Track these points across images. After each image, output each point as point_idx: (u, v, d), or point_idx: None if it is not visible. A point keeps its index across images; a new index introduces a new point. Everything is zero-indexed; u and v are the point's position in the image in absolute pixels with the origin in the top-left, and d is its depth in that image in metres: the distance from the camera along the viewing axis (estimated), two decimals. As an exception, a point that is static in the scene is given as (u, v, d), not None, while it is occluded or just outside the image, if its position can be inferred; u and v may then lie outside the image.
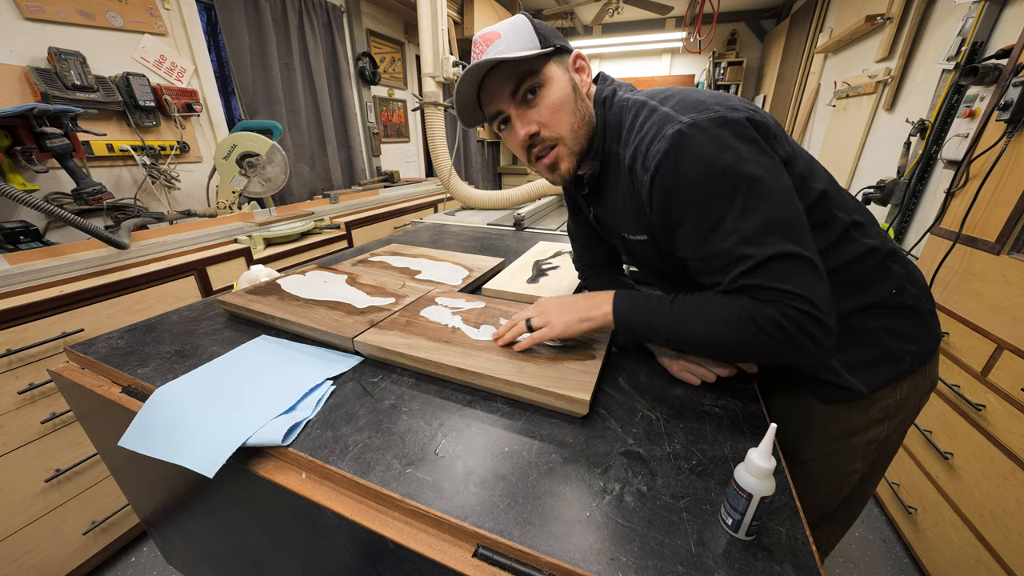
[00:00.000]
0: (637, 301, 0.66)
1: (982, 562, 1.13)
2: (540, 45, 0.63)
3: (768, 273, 0.52)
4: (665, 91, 0.64)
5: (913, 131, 1.87)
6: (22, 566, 1.19)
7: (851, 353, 0.68)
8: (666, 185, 0.56)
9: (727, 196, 0.53)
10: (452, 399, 0.66)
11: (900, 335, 0.69)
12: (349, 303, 0.91)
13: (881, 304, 0.67)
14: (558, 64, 0.65)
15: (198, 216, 1.90)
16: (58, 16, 1.57)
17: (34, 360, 1.17)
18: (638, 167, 0.60)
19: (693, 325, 0.59)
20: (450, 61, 2.01)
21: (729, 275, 0.55)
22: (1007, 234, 1.15)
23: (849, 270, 0.65)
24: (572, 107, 0.65)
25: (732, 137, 0.53)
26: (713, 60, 4.96)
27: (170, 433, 0.59)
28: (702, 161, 0.53)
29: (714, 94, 0.59)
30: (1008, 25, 1.55)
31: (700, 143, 0.53)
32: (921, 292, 0.71)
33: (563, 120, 0.65)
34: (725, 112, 0.55)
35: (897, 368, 0.69)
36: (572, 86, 0.66)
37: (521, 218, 1.83)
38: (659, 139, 0.56)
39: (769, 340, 0.53)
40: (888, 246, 0.68)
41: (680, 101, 0.59)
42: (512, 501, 0.48)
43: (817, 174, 0.64)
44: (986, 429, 1.16)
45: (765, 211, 0.52)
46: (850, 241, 0.65)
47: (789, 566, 0.41)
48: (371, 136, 3.29)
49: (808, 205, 0.60)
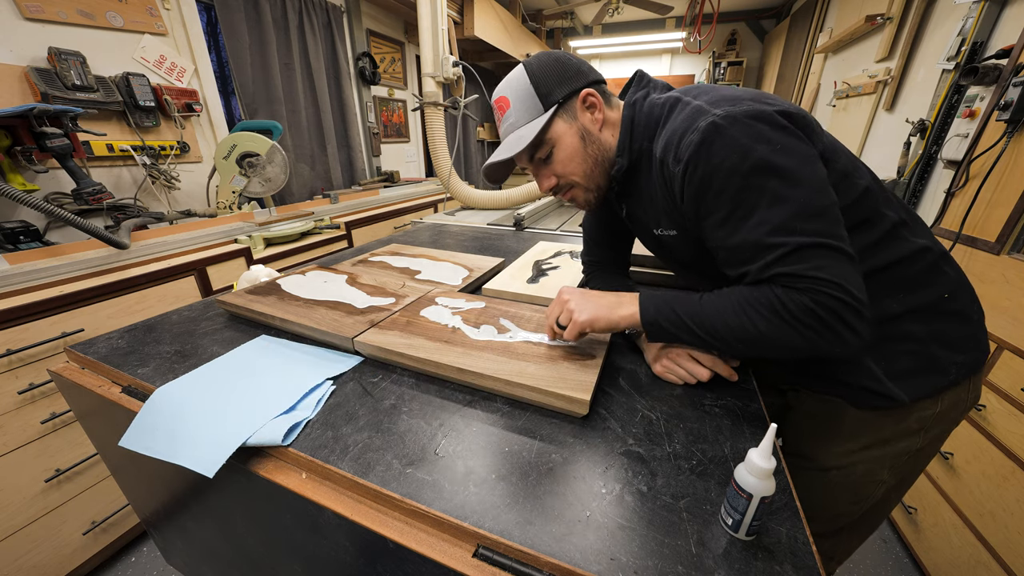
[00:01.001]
0: (664, 298, 0.65)
1: (982, 562, 1.13)
2: (542, 107, 0.68)
3: (799, 260, 0.51)
4: (699, 87, 0.65)
5: (913, 131, 1.87)
6: (22, 566, 1.19)
7: (895, 360, 0.65)
8: (699, 175, 0.56)
9: (759, 186, 0.53)
10: (452, 399, 0.66)
11: (948, 344, 0.65)
12: (349, 303, 0.91)
13: (931, 309, 0.64)
14: (564, 118, 0.69)
15: (198, 216, 1.90)
16: (58, 16, 1.57)
17: (34, 360, 1.17)
18: (670, 159, 0.60)
19: (726, 316, 0.57)
20: (450, 61, 2.01)
21: (759, 263, 0.54)
22: (1007, 234, 1.16)
23: (898, 269, 0.63)
24: (582, 155, 0.71)
25: (766, 128, 0.53)
26: (713, 60, 4.96)
27: (170, 433, 0.59)
28: (735, 151, 0.53)
29: (748, 91, 0.60)
30: (1008, 25, 1.55)
31: (733, 134, 0.53)
32: (972, 300, 0.68)
33: (575, 169, 0.72)
34: (759, 105, 0.55)
35: (943, 379, 0.65)
36: (580, 135, 0.70)
37: (521, 218, 1.83)
38: (692, 131, 0.56)
39: (805, 330, 0.52)
40: (940, 248, 0.66)
41: (713, 95, 0.59)
42: (512, 501, 0.47)
43: (860, 171, 0.62)
44: (986, 429, 1.16)
45: (797, 201, 0.52)
46: (899, 239, 0.63)
47: (789, 566, 0.41)
48: (371, 136, 3.29)
49: (851, 200, 0.59)
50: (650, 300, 0.66)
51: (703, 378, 0.68)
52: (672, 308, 0.63)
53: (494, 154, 0.74)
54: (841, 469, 0.73)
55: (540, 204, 2.22)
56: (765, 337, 0.55)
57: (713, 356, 0.69)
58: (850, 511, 0.77)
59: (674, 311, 0.62)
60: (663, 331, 0.64)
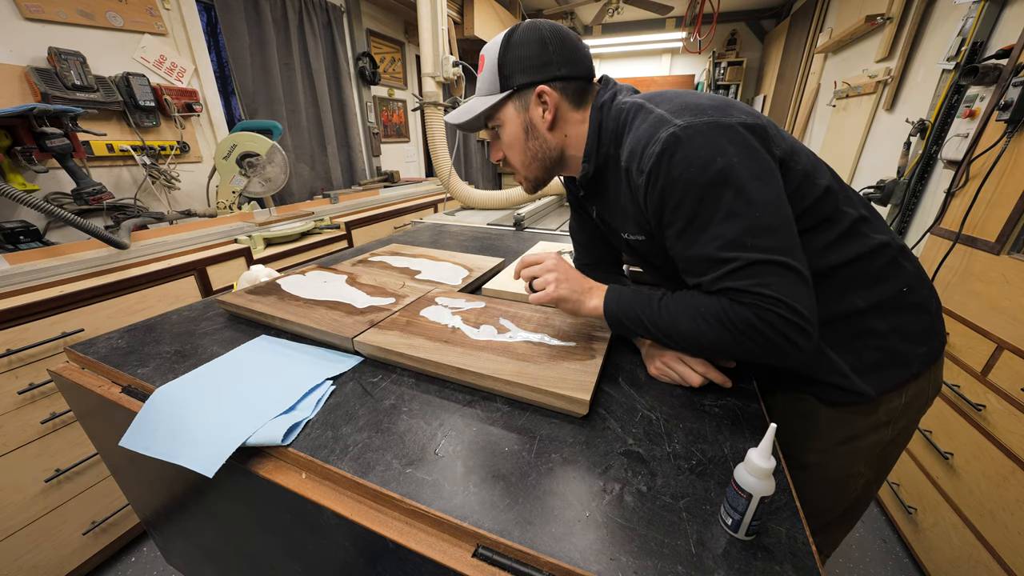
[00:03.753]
0: (626, 296, 0.68)
1: (982, 562, 1.13)
2: (499, 86, 0.70)
3: (747, 276, 0.53)
4: (663, 93, 0.65)
5: (913, 131, 1.87)
6: (22, 566, 1.19)
7: (861, 355, 0.68)
8: (659, 187, 0.57)
9: (715, 199, 0.54)
10: (452, 399, 0.66)
11: (909, 337, 0.68)
12: (349, 303, 0.91)
13: (892, 303, 0.67)
14: (516, 104, 0.71)
15: (198, 216, 1.90)
16: (58, 16, 1.57)
17: (34, 360, 1.17)
18: (634, 169, 0.61)
19: (678, 322, 0.60)
20: (450, 61, 2.01)
21: (710, 276, 0.56)
22: (1007, 234, 1.16)
23: (860, 265, 0.65)
24: (522, 147, 0.73)
25: (724, 141, 0.54)
26: (713, 60, 4.96)
27: (170, 433, 0.59)
28: (693, 164, 0.54)
29: (712, 97, 0.60)
30: (1008, 25, 1.55)
31: (692, 147, 0.54)
32: (930, 292, 0.71)
33: (514, 157, 0.75)
34: (719, 117, 0.55)
35: (906, 372, 0.68)
36: (525, 127, 0.71)
37: (521, 218, 1.83)
38: (653, 142, 0.57)
39: (748, 341, 0.55)
40: (898, 243, 0.68)
41: (676, 104, 0.59)
42: (512, 501, 0.48)
43: (820, 170, 0.64)
44: (986, 429, 1.16)
45: (751, 216, 0.53)
46: (860, 236, 0.65)
47: (789, 566, 0.41)
48: (371, 136, 3.29)
49: (813, 200, 0.61)
50: (614, 297, 0.68)
51: (694, 384, 0.67)
52: (632, 306, 0.66)
53: (450, 115, 0.78)
54: (819, 466, 0.76)
55: (540, 204, 2.22)
56: (714, 344, 0.58)
57: (705, 362, 0.68)
58: (834, 507, 0.79)
59: (634, 310, 0.65)
60: (624, 328, 0.68)
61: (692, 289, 0.62)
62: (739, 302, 0.54)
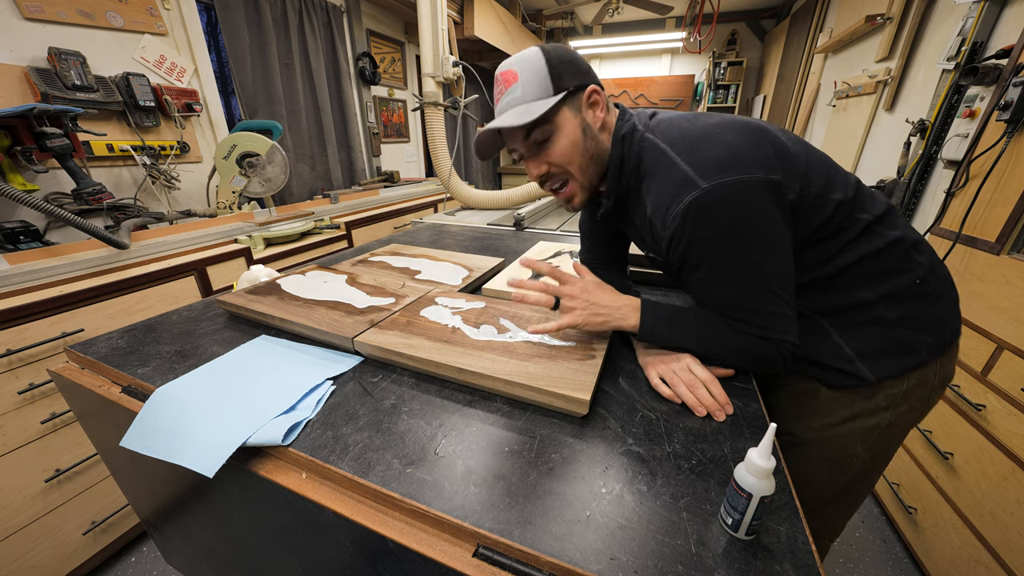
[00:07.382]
0: (662, 315, 0.71)
1: (982, 562, 1.13)
2: (552, 89, 0.67)
3: (766, 324, 0.65)
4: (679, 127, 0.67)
5: (913, 131, 1.87)
6: (22, 566, 1.19)
7: (866, 342, 0.71)
8: (684, 244, 0.63)
9: (735, 257, 0.62)
10: (452, 399, 0.66)
11: (917, 326, 0.70)
12: (349, 303, 0.91)
13: (902, 294, 0.69)
14: (571, 106, 0.69)
15: (198, 216, 1.90)
16: (58, 16, 1.57)
17: (34, 360, 1.17)
18: (657, 223, 0.66)
19: (712, 347, 0.68)
20: (450, 61, 2.01)
21: (731, 317, 0.66)
22: (1007, 234, 1.16)
23: (872, 262, 0.68)
24: (582, 148, 0.71)
25: (746, 210, 0.59)
26: (713, 60, 4.96)
27: (170, 433, 0.59)
28: (718, 224, 0.60)
29: (731, 145, 0.60)
30: (1008, 25, 1.55)
31: (717, 213, 0.59)
32: (945, 283, 0.73)
33: (573, 160, 0.72)
34: (741, 175, 0.58)
35: (912, 359, 0.71)
36: (583, 127, 0.70)
37: (521, 218, 1.83)
38: (677, 203, 0.61)
39: (763, 366, 0.67)
40: (912, 237, 0.71)
41: (698, 155, 0.61)
42: (512, 501, 0.48)
43: (835, 183, 0.66)
44: (986, 429, 1.16)
45: (765, 272, 0.62)
46: (872, 235, 0.68)
47: (789, 566, 0.41)
48: (371, 136, 3.29)
49: (825, 218, 0.65)
50: (649, 316, 0.71)
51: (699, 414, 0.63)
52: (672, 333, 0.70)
53: (493, 121, 0.70)
54: (818, 443, 0.79)
55: (540, 204, 2.22)
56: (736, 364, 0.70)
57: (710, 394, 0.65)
58: (832, 483, 0.82)
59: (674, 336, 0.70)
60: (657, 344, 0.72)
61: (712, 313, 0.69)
62: (765, 339, 0.65)
